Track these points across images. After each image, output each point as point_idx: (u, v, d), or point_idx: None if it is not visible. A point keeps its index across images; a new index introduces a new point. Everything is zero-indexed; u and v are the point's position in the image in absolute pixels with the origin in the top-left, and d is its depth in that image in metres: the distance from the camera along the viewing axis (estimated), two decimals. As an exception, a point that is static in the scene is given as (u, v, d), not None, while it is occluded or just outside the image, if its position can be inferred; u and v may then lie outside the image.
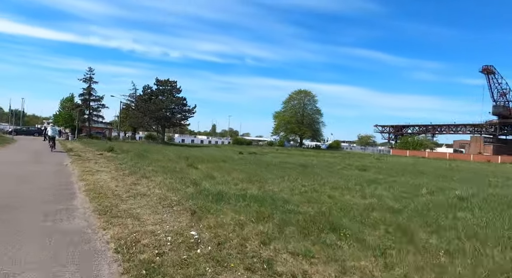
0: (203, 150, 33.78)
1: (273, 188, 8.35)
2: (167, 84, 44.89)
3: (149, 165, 11.97)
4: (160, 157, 16.44)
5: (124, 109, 49.37)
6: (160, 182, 8.44)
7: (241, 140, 65.11)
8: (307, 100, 68.64)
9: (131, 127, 49.99)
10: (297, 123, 66.43)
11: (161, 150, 25.85)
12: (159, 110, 41.04)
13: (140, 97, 44.04)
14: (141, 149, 25.30)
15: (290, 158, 24.29)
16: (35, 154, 16.30)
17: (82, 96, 38.77)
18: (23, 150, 18.90)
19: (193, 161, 14.02)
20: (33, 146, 22.63)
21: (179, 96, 44.85)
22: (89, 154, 17.83)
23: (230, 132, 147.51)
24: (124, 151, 20.83)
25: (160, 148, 31.53)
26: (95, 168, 11.09)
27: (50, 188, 7.18)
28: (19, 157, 14.26)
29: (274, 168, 13.40)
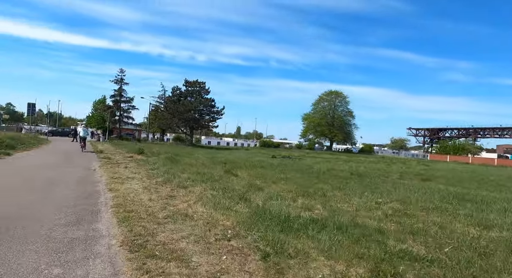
0: (233, 152, 32.43)
1: (341, 205, 6.53)
2: (196, 85, 44.23)
3: (183, 171, 10.56)
4: (192, 161, 15.10)
5: (153, 111, 49.40)
6: (201, 194, 6.90)
7: (269, 143, 63.36)
8: (338, 102, 65.72)
9: (160, 129, 49.88)
10: (327, 125, 63.69)
11: (191, 153, 24.73)
12: (188, 111, 40.35)
13: (169, 99, 43.68)
14: (171, 151, 24.32)
15: (330, 163, 22.20)
16: (65, 155, 15.56)
17: (113, 97, 38.96)
18: (54, 151, 18.37)
19: (230, 166, 12.48)
20: (64, 147, 22.31)
21: (208, 98, 44.03)
22: (119, 157, 16.90)
23: (255, 135, 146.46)
24: (154, 154, 19.83)
25: (189, 150, 30.58)
26: (125, 174, 9.83)
27: (71, 200, 5.84)
28: (48, 159, 13.46)
29: (324, 177, 11.53)
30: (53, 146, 22.55)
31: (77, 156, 15.86)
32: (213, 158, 19.42)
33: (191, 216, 5.08)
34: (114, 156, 17.41)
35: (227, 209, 5.56)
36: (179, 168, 11.40)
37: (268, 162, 17.33)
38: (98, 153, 18.54)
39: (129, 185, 7.84)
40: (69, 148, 22.14)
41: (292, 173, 12.23)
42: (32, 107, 27.25)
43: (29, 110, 27.19)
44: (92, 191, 6.88)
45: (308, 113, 69.03)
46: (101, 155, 17.25)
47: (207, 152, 30.66)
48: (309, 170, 13.86)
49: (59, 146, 23.04)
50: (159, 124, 45.12)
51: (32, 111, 27.50)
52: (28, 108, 27.16)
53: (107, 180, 8.47)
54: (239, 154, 28.94)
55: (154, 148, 27.16)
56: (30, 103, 27.21)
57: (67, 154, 16.50)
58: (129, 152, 20.02)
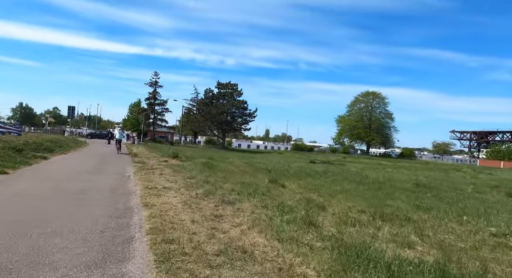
0: (267, 156, 31.08)
1: (444, 237, 4.85)
2: (228, 87, 43.62)
3: (224, 180, 9.34)
4: (230, 167, 13.93)
5: (185, 114, 49.58)
6: (253, 213, 5.57)
7: (301, 146, 61.35)
8: (375, 103, 62.13)
9: (192, 131, 49.92)
10: (363, 128, 60.36)
11: (225, 157, 23.75)
12: (221, 114, 39.72)
13: (201, 101, 43.48)
14: (205, 155, 23.49)
15: (379, 170, 20.06)
16: (100, 159, 15.07)
17: (148, 100, 39.39)
18: (90, 154, 18.13)
19: (274, 174, 11.09)
20: (101, 150, 22.26)
21: (240, 100, 43.21)
22: (154, 161, 16.19)
23: (284, 138, 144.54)
24: (189, 158, 19.00)
25: (222, 154, 29.71)
26: (161, 182, 8.79)
27: (99, 222, 4.74)
28: (82, 163, 12.93)
29: (387, 189, 9.74)
30: (90, 149, 22.61)
31: (112, 160, 15.32)
32: (251, 163, 18.18)
33: (251, 253, 3.71)
34: (149, 160, 16.75)
35: (295, 241, 4.13)
36: (218, 176, 10.21)
37: (311, 169, 15.72)
38: (133, 156, 18.05)
39: (166, 197, 6.70)
40: (105, 150, 22.04)
41: (346, 183, 10.56)
42: (72, 110, 27.86)
43: (69, 113, 27.85)
44: (125, 207, 5.79)
45: (343, 115, 66.09)
46: (135, 159, 16.66)
47: (241, 155, 29.59)
48: (364, 179, 12.06)
49: (95, 149, 23.09)
50: (192, 127, 45.04)
51: (71, 114, 28.13)
52: (68, 111, 27.82)
53: (142, 190, 7.42)
54: (275, 158, 27.52)
55: (187, 152, 26.57)
56: (70, 106, 27.85)
57: (102, 157, 16.06)
58: (163, 155, 19.38)
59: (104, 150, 22.36)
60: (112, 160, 15.17)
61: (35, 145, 15.13)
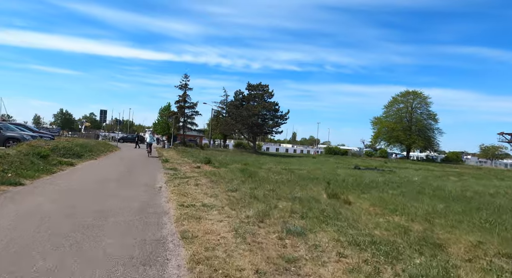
0: (303, 161, 28.99)
1: None
2: (259, 88, 42.08)
3: (274, 194, 7.56)
4: (272, 175, 12.16)
5: (214, 117, 48.74)
6: (341, 256, 3.72)
7: (335, 149, 58.26)
8: (416, 103, 57.51)
9: (222, 135, 48.94)
10: (403, 130, 56.01)
11: (260, 162, 22.04)
12: (252, 116, 38.21)
13: (231, 103, 42.27)
14: (238, 160, 21.97)
15: (444, 179, 17.33)
16: (129, 166, 13.94)
17: (178, 103, 38.84)
18: (119, 160, 17.18)
19: (331, 187, 9.13)
20: (131, 154, 21.45)
21: (271, 101, 41.47)
22: (186, 167, 14.84)
23: (312, 141, 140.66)
24: (222, 163, 17.52)
25: (256, 158, 28.08)
26: (198, 196, 7.20)
27: (118, 272, 3.11)
28: (109, 171, 11.77)
29: (491, 210, 7.42)
30: (120, 154, 21.90)
31: (142, 167, 14.14)
32: (290, 170, 16.32)
33: None
34: (180, 166, 15.45)
35: None
36: (265, 188, 8.46)
37: (364, 177, 13.49)
38: (164, 162, 16.88)
39: (210, 222, 5.03)
40: (135, 155, 21.20)
41: (426, 199, 8.34)
42: (103, 114, 27.66)
43: (101, 117, 27.66)
44: (155, 239, 4.16)
45: (379, 117, 61.94)
46: (166, 165, 15.43)
47: (275, 160, 27.78)
48: (443, 193, 9.71)
49: (126, 153, 22.37)
50: (221, 130, 43.98)
51: (104, 118, 27.95)
52: (100, 115, 27.61)
53: (177, 209, 5.84)
54: (312, 163, 25.38)
55: (219, 156, 25.24)
56: (102, 110, 27.65)
57: (132, 164, 14.94)
58: (195, 161, 18.07)
59: (134, 155, 21.55)
60: (142, 167, 13.98)
61: (64, 150, 14.33)
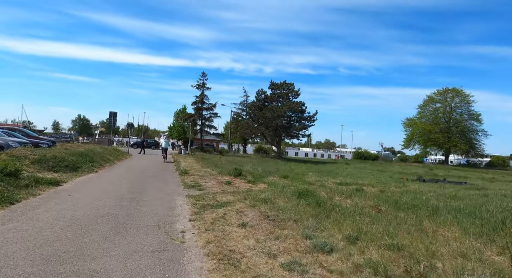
0: (342, 170, 24.89)
1: None
2: (283, 87, 38.29)
3: (374, 243, 3.76)
4: (346, 201, 8.34)
5: (233, 119, 45.30)
6: None
7: (365, 154, 53.56)
8: (457, 102, 52.18)
9: (241, 139, 45.39)
10: (442, 132, 50.81)
11: (299, 172, 18.19)
12: (277, 118, 34.44)
13: (253, 104, 38.63)
14: (269, 168, 18.22)
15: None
16: (137, 183, 10.43)
17: (195, 104, 35.51)
18: (125, 173, 13.77)
19: (420, 211, 5.24)
20: (142, 164, 18.07)
21: (297, 101, 37.57)
22: (212, 182, 11.24)
23: (327, 144, 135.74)
24: (257, 176, 13.83)
25: (287, 166, 24.26)
26: (256, 259, 3.47)
27: None
28: (105, 195, 8.28)
29: None
30: (130, 163, 18.58)
31: (154, 184, 10.61)
32: (349, 185, 12.43)
33: None
34: (204, 179, 11.88)
35: None
36: (345, 222, 4.67)
37: (451, 197, 9.39)
38: (182, 174, 13.36)
39: None
40: (147, 165, 17.80)
41: None
42: (113, 116, 24.63)
43: (110, 120, 24.65)
44: None
45: (413, 117, 56.86)
46: (186, 179, 11.89)
47: (309, 168, 23.88)
48: None
49: (137, 162, 19.03)
50: (242, 133, 40.39)
51: (113, 120, 24.93)
52: (109, 117, 24.60)
53: None
54: (355, 172, 21.33)
55: (245, 164, 21.60)
56: (112, 112, 24.65)
57: (141, 180, 11.44)
58: (221, 172, 14.44)
59: (146, 164, 18.16)
60: (155, 184, 10.43)
61: (54, 161, 11.02)
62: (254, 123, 38.52)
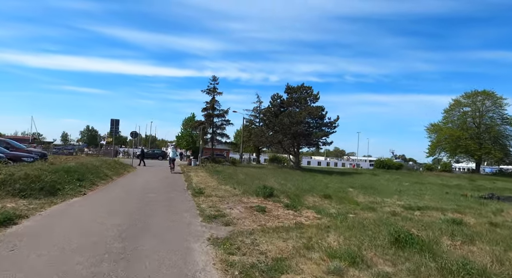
0: (375, 182, 21.58)
1: None
2: (301, 91, 35.36)
3: None
4: (446, 242, 5.19)
5: (246, 127, 42.40)
6: None
7: (388, 163, 49.79)
8: (488, 106, 48.30)
9: (255, 148, 42.37)
10: (472, 138, 46.86)
11: (337, 188, 14.99)
12: (295, 124, 31.37)
13: (268, 110, 35.70)
14: (304, 186, 15.06)
15: None
16: (134, 213, 7.44)
17: (205, 110, 32.66)
18: (122, 196, 10.82)
19: None
20: (145, 182, 15.12)
21: (317, 106, 34.52)
22: (240, 209, 8.19)
23: (336, 152, 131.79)
24: (291, 196, 10.74)
25: (315, 179, 21.08)
26: None
27: None
28: (88, 236, 5.31)
29: None
30: (131, 178, 15.67)
31: (159, 217, 7.62)
32: (413, 209, 9.24)
33: None
34: (228, 204, 8.84)
35: None
36: None
37: None
38: (197, 195, 10.35)
39: None
40: (152, 182, 14.87)
41: None
42: (115, 124, 21.95)
43: (112, 128, 21.97)
44: None
45: (436, 123, 53.03)
46: (203, 204, 8.87)
47: (341, 181, 20.66)
48: None
49: (139, 178, 16.10)
50: (256, 142, 37.35)
51: (115, 129, 22.24)
52: (111, 126, 21.93)
53: None
54: (393, 186, 18.01)
55: (266, 177, 18.53)
56: (113, 119, 21.95)
57: (142, 208, 8.44)
58: (246, 191, 11.37)
59: (151, 181, 15.23)
60: (159, 217, 7.41)
61: (23, 182, 8.16)
62: (269, 130, 35.54)
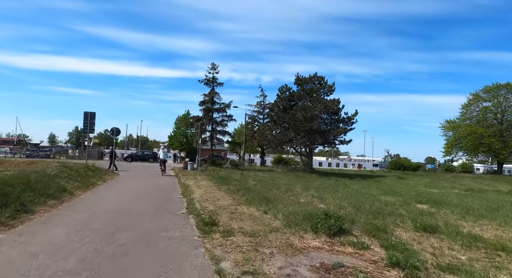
0: (432, 191, 17.43)
1: None
2: (313, 81, 31.07)
3: None
4: None
5: (248, 123, 38.05)
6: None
7: (404, 163, 45.87)
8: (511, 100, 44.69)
9: (259, 147, 38.01)
10: (494, 136, 43.25)
11: (393, 202, 10.71)
12: (311, 119, 27.09)
13: (276, 104, 31.33)
14: (353, 200, 10.76)
15: None
16: None
17: (204, 104, 28.17)
18: (76, 238, 6.25)
19: None
20: (124, 200, 10.61)
21: (331, 99, 30.26)
22: (308, 276, 3.83)
23: (331, 151, 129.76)
24: (368, 228, 6.48)
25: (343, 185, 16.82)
26: None
27: None
28: None
29: None
30: (100, 195, 11.11)
31: None
32: None
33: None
34: (277, 262, 4.52)
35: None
36: None
37: None
38: (207, 233, 5.94)
39: None
40: (133, 200, 10.37)
41: None
42: (90, 118, 17.35)
43: (85, 123, 17.37)
44: None
45: (453, 120, 49.39)
46: (225, 259, 4.51)
47: (381, 189, 16.47)
48: None
49: (113, 194, 11.56)
50: (261, 141, 33.00)
51: (90, 124, 17.60)
52: (84, 120, 17.36)
53: None
54: (448, 195, 13.88)
55: (288, 185, 14.26)
56: (87, 112, 17.37)
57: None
58: (290, 222, 7.04)
59: (132, 199, 10.74)
60: None
61: None
62: (276, 127, 31.19)
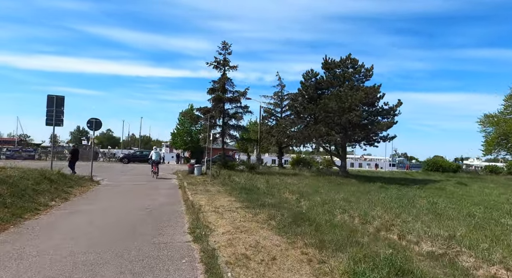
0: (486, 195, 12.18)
1: None
2: (345, 64, 25.82)
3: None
4: None
5: (263, 118, 32.98)
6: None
7: (442, 164, 40.41)
8: None
9: (277, 145, 32.89)
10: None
11: None
12: (348, 110, 21.95)
13: (300, 93, 26.11)
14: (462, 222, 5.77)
15: None
16: None
17: (213, 92, 23.10)
18: None
19: None
20: (76, 252, 5.69)
21: (369, 86, 24.99)
22: None
23: None
24: None
25: (412, 199, 11.76)
26: None
27: None
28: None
29: None
30: (62, 223, 6.08)
31: None
32: None
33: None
34: None
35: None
36: None
37: None
38: None
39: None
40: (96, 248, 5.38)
41: None
42: (56, 104, 12.51)
43: (50, 111, 12.51)
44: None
45: (495, 114, 43.76)
46: None
47: (450, 198, 11.43)
48: None
49: (69, 234, 6.56)
50: (280, 137, 27.87)
51: (56, 111, 12.73)
52: (48, 105, 12.50)
53: None
54: None
55: (350, 203, 9.30)
56: (51, 96, 12.59)
57: None
58: None
59: (88, 268, 5.70)
60: None
61: None
62: (301, 121, 26.04)
